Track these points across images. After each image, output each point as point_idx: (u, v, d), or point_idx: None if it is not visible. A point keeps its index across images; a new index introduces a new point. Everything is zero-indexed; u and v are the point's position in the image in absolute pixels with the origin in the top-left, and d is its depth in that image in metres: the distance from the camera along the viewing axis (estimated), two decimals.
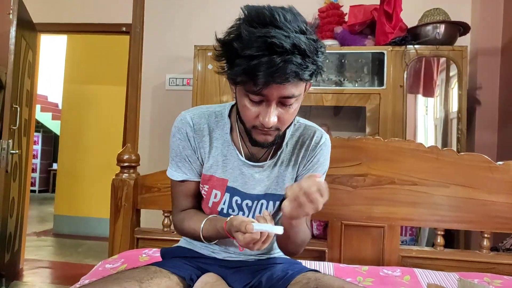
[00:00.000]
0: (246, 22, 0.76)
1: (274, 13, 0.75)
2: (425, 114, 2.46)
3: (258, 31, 0.74)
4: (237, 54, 0.76)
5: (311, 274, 0.95)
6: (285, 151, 1.00)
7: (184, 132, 0.98)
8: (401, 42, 2.30)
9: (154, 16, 2.98)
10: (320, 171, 1.02)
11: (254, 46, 0.73)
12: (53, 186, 6.56)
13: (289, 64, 0.73)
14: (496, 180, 1.36)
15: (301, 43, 0.74)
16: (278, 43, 0.72)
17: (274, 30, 0.73)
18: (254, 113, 0.83)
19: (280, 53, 0.73)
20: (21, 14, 2.54)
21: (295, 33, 0.74)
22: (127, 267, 1.22)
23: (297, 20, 0.77)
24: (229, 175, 0.98)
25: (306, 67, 0.76)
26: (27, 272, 2.96)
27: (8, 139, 2.43)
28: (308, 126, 1.03)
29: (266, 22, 0.75)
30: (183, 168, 1.01)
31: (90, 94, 4.33)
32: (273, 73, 0.73)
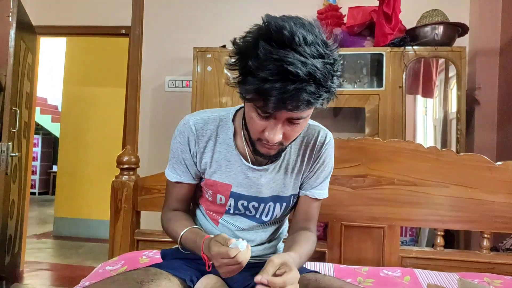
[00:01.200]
0: (264, 39, 0.73)
1: (294, 35, 0.71)
2: (424, 114, 2.46)
3: (275, 52, 0.71)
4: (251, 72, 0.73)
5: (311, 275, 0.95)
6: (289, 153, 0.99)
7: (185, 137, 0.97)
8: (400, 43, 2.31)
9: (153, 18, 2.99)
10: (326, 171, 1.03)
11: (269, 69, 0.71)
12: (53, 188, 6.56)
13: (302, 93, 0.71)
14: (496, 180, 1.36)
15: (316, 72, 0.71)
16: (293, 71, 0.69)
17: (292, 53, 0.70)
18: (261, 127, 0.82)
19: (294, 81, 0.70)
20: (20, 16, 2.54)
21: (313, 58, 0.72)
22: (127, 269, 1.22)
23: (316, 43, 0.73)
24: (233, 180, 0.98)
25: (319, 96, 0.74)
26: (27, 274, 2.96)
27: (8, 142, 2.43)
28: (312, 125, 1.02)
29: (284, 43, 0.71)
30: (178, 170, 1.01)
31: (89, 96, 4.33)
32: (285, 100, 0.72)
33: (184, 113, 3.12)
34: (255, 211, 1.01)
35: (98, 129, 4.26)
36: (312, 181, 1.02)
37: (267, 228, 1.06)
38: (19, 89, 2.66)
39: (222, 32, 2.82)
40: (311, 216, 1.05)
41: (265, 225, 1.05)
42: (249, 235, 1.03)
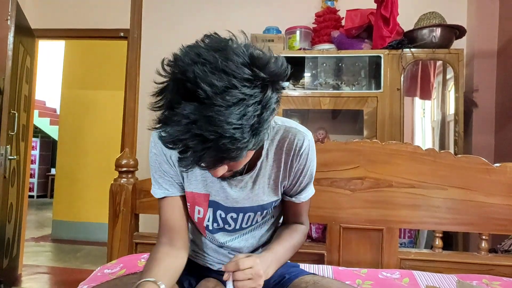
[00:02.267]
0: (174, 85, 0.65)
1: (198, 87, 0.61)
2: (422, 116, 2.47)
3: (181, 107, 0.62)
4: (166, 122, 0.65)
5: (309, 277, 0.95)
6: (266, 160, 0.91)
7: (159, 147, 0.91)
8: (398, 46, 2.32)
9: (152, 21, 2.99)
10: (308, 176, 0.96)
11: (175, 126, 0.63)
12: (52, 191, 6.55)
13: (210, 151, 0.64)
14: (494, 182, 1.37)
15: (226, 130, 0.61)
16: (197, 131, 0.61)
17: (198, 109, 0.61)
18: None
19: (202, 141, 0.62)
20: (19, 20, 2.54)
21: (228, 109, 0.61)
22: (126, 272, 1.22)
23: (232, 86, 0.61)
24: (210, 189, 0.93)
25: (236, 149, 0.64)
26: (25, 278, 2.94)
27: (6, 145, 2.43)
28: (288, 128, 0.91)
29: (190, 97, 0.62)
30: (163, 184, 0.93)
31: (88, 99, 4.33)
32: (196, 159, 0.66)
33: None
34: (234, 223, 0.96)
35: (97, 132, 4.26)
36: (296, 187, 0.96)
37: (254, 232, 1.02)
38: (18, 92, 2.65)
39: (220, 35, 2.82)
40: (300, 213, 1.03)
41: (249, 229, 1.01)
42: (239, 243, 1.00)
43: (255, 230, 1.01)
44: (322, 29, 2.54)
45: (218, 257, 1.02)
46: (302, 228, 1.03)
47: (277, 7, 2.87)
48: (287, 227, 1.02)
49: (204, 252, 1.04)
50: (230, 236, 0.99)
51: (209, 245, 1.02)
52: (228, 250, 1.01)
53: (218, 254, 1.02)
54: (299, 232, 1.01)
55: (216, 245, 1.01)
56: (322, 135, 2.58)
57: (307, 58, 2.47)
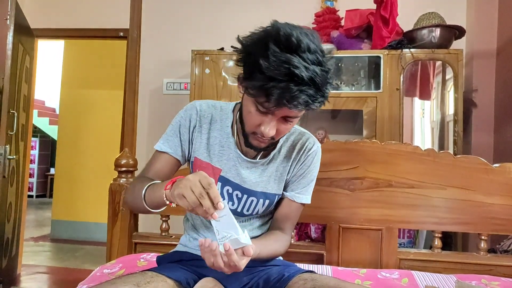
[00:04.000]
0: (274, 42, 0.79)
1: (300, 42, 0.79)
2: (421, 117, 2.47)
3: (283, 56, 0.78)
4: (260, 69, 0.79)
5: (307, 275, 0.96)
6: (278, 153, 1.05)
7: (188, 114, 1.04)
8: (397, 46, 2.32)
9: (151, 20, 2.99)
10: (309, 177, 1.07)
11: (277, 70, 0.78)
12: (51, 191, 6.55)
13: (302, 94, 0.79)
14: (493, 182, 1.37)
15: (316, 77, 0.79)
16: (299, 74, 0.77)
17: (297, 58, 0.78)
18: (257, 121, 0.89)
19: (298, 83, 0.78)
20: (18, 19, 2.54)
21: (314, 65, 0.80)
22: (125, 272, 1.22)
23: (316, 51, 0.81)
24: (223, 165, 1.03)
25: (316, 98, 0.82)
26: (24, 277, 2.94)
27: (5, 144, 2.42)
28: (303, 132, 1.08)
29: (291, 48, 0.79)
30: (171, 142, 1.04)
31: (87, 99, 4.33)
32: (286, 99, 0.79)
33: None
34: (237, 203, 1.04)
35: (96, 131, 4.26)
36: (295, 184, 1.07)
37: (252, 222, 1.08)
38: (17, 91, 2.65)
39: (220, 35, 2.82)
40: (289, 217, 1.09)
41: (247, 218, 1.07)
42: None
43: (253, 220, 1.08)
44: (321, 29, 2.54)
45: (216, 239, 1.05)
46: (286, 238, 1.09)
47: (277, 7, 2.87)
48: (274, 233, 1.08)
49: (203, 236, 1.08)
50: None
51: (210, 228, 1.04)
52: None
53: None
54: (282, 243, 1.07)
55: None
56: (321, 135, 2.58)
57: None
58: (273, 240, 1.04)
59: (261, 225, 1.11)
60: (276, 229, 1.09)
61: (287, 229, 1.10)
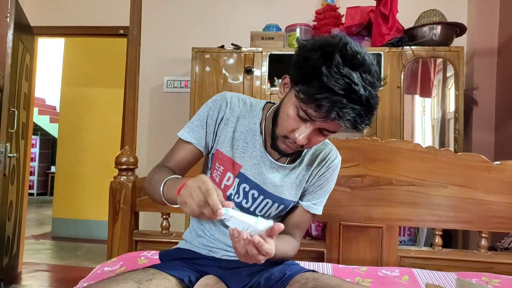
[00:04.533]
0: (341, 55, 0.79)
1: (365, 61, 0.80)
2: (422, 114, 2.47)
3: (346, 70, 0.78)
4: (319, 77, 0.78)
5: (309, 274, 0.96)
6: (302, 161, 1.04)
7: (218, 104, 1.02)
8: (398, 43, 2.31)
9: (152, 18, 2.99)
10: (326, 189, 1.07)
11: (337, 82, 0.77)
12: (51, 189, 6.55)
13: (354, 112, 0.79)
14: (494, 180, 1.37)
15: (371, 99, 0.80)
16: (358, 91, 0.77)
17: (359, 77, 0.78)
18: (293, 126, 0.87)
19: (353, 100, 0.78)
20: (18, 17, 2.54)
21: (370, 87, 0.80)
22: (126, 269, 1.22)
23: (375, 75, 0.82)
24: (244, 162, 1.01)
25: (364, 120, 0.82)
26: (25, 275, 2.95)
27: (6, 142, 2.42)
28: (326, 142, 1.08)
29: (356, 66, 0.79)
30: (196, 133, 1.02)
31: (87, 97, 4.32)
32: (338, 113, 0.79)
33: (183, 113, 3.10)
34: (252, 202, 1.02)
35: (97, 129, 4.26)
36: (312, 194, 1.07)
37: None
38: (17, 89, 2.65)
39: (220, 33, 2.82)
40: (300, 226, 1.09)
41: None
42: None
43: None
44: (322, 27, 2.53)
45: (224, 239, 1.04)
46: (295, 243, 1.08)
47: (277, 5, 2.86)
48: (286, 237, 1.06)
49: (211, 237, 1.06)
50: None
51: (218, 225, 1.05)
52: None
53: (225, 236, 1.04)
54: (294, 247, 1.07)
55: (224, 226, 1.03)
56: None
57: None
58: (286, 242, 1.03)
59: None
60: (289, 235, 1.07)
61: (297, 236, 1.09)
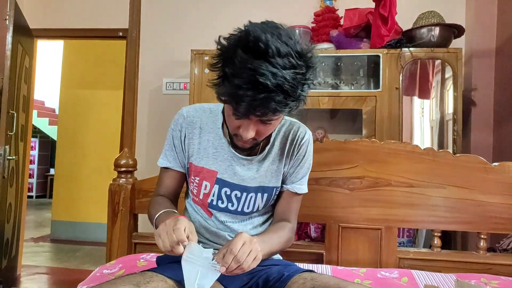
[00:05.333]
0: (242, 48, 0.78)
1: (269, 47, 0.76)
2: (421, 116, 2.47)
3: (250, 62, 0.76)
4: (227, 77, 0.81)
5: (307, 274, 0.96)
6: (272, 146, 1.05)
7: (178, 124, 1.06)
8: (396, 45, 2.31)
9: (151, 20, 2.99)
10: (305, 167, 1.08)
11: (243, 78, 0.77)
12: (50, 191, 6.54)
13: (270, 102, 0.78)
14: (492, 181, 1.37)
15: (285, 83, 0.77)
16: (264, 82, 0.75)
17: (265, 64, 0.76)
18: (236, 124, 0.90)
19: (264, 90, 0.76)
20: (17, 19, 2.54)
21: (284, 69, 0.77)
22: (125, 272, 1.22)
23: (290, 54, 0.78)
24: (219, 167, 1.03)
25: (286, 104, 0.80)
26: (24, 278, 2.94)
27: (5, 145, 2.42)
28: (293, 122, 1.08)
29: (259, 54, 0.77)
30: (169, 157, 1.08)
31: (87, 99, 4.32)
32: (254, 107, 0.79)
33: None
34: (237, 203, 1.04)
35: (96, 132, 4.26)
36: (293, 176, 1.07)
37: (253, 220, 1.09)
38: (16, 92, 2.65)
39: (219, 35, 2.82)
40: (291, 209, 1.10)
41: (249, 216, 1.08)
42: (238, 227, 1.06)
43: (254, 218, 1.09)
44: (320, 28, 2.54)
45: (217, 240, 1.07)
46: (289, 225, 1.08)
47: (276, 6, 2.87)
48: (274, 224, 1.09)
49: (204, 238, 1.08)
50: (231, 218, 1.06)
51: (210, 228, 1.07)
52: (228, 232, 1.06)
53: (218, 238, 1.06)
54: (286, 229, 1.06)
55: (216, 228, 1.06)
56: (321, 134, 2.58)
57: None
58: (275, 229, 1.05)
59: (263, 222, 1.11)
60: (280, 221, 1.09)
61: (291, 219, 1.10)
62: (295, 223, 1.11)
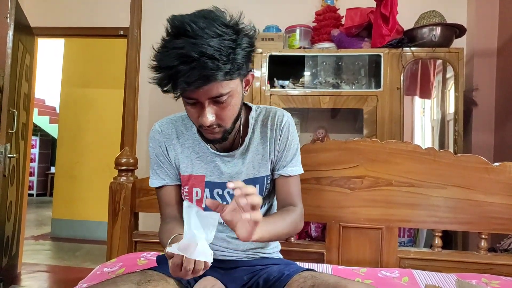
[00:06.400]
0: (167, 35, 0.83)
1: (187, 25, 0.79)
2: (422, 115, 2.47)
3: (171, 43, 0.80)
4: (159, 66, 0.82)
5: (307, 273, 0.96)
6: (252, 136, 1.04)
7: (156, 140, 1.06)
8: (398, 45, 2.31)
9: (152, 19, 2.98)
10: (292, 148, 1.06)
11: (167, 58, 0.79)
12: (51, 189, 6.55)
13: (198, 70, 0.78)
14: (493, 181, 1.37)
15: (208, 49, 0.77)
16: (185, 52, 0.77)
17: (184, 40, 0.78)
18: (195, 114, 0.89)
19: (188, 62, 0.78)
20: (18, 18, 2.54)
21: (207, 39, 0.78)
22: (125, 270, 1.22)
23: (213, 26, 0.80)
24: (205, 171, 1.03)
25: (217, 68, 0.79)
26: (25, 276, 2.95)
27: (6, 143, 2.42)
28: (269, 108, 1.08)
29: (179, 33, 0.80)
30: (161, 174, 1.07)
31: (87, 97, 4.32)
32: (185, 81, 0.79)
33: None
34: (231, 199, 1.00)
35: (96, 130, 4.26)
36: (282, 161, 1.05)
37: None
38: (17, 90, 2.65)
39: None
40: (291, 192, 1.07)
41: None
42: None
43: None
44: (322, 28, 2.54)
45: (217, 242, 1.06)
46: (293, 208, 1.04)
47: (277, 6, 2.87)
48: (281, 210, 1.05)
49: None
50: None
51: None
52: (227, 233, 1.05)
53: (218, 240, 1.06)
54: (291, 211, 1.02)
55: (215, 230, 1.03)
56: (322, 134, 2.58)
57: (307, 56, 2.47)
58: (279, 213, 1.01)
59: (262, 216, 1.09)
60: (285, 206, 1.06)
61: (295, 202, 1.07)
62: (300, 205, 1.08)
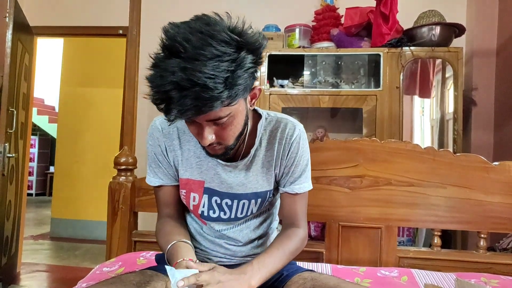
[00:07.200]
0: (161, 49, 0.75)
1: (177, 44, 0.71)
2: (421, 115, 2.47)
3: (164, 64, 0.71)
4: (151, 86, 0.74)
5: (307, 274, 0.96)
6: (259, 148, 0.96)
7: (155, 138, 0.98)
8: (397, 44, 2.31)
9: (151, 18, 2.97)
10: (301, 165, 0.98)
11: (159, 80, 0.71)
12: (50, 189, 6.54)
13: (188, 100, 0.70)
14: (492, 180, 1.37)
15: (200, 78, 0.68)
16: (175, 80, 0.69)
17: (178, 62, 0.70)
18: (194, 131, 0.83)
19: (180, 89, 0.70)
20: (17, 17, 2.53)
21: (204, 61, 0.69)
22: (124, 270, 1.22)
23: (208, 44, 0.70)
24: (205, 176, 0.97)
25: (210, 99, 0.70)
26: (24, 276, 2.94)
27: (5, 143, 2.42)
28: (280, 118, 0.98)
29: (171, 53, 0.72)
30: (159, 173, 1.01)
31: (87, 97, 4.32)
32: (177, 109, 0.71)
33: None
34: (229, 211, 0.99)
35: (96, 130, 4.25)
36: (290, 176, 0.98)
37: (249, 223, 1.03)
38: (16, 89, 2.65)
39: None
40: (296, 211, 1.01)
41: (244, 221, 1.02)
42: (234, 233, 1.02)
43: (250, 221, 1.04)
44: (321, 27, 2.54)
45: (215, 248, 1.04)
46: (297, 232, 0.99)
47: (277, 5, 2.86)
48: (280, 234, 1.00)
49: (201, 245, 1.06)
50: (225, 225, 1.02)
51: (206, 237, 1.04)
52: (224, 240, 1.03)
53: (215, 245, 1.04)
54: (293, 238, 0.97)
55: (212, 236, 1.03)
56: (321, 133, 2.58)
57: (306, 56, 2.47)
58: (278, 244, 0.95)
59: (259, 224, 1.05)
60: (288, 227, 1.00)
61: (299, 221, 1.01)
62: (304, 224, 1.02)
